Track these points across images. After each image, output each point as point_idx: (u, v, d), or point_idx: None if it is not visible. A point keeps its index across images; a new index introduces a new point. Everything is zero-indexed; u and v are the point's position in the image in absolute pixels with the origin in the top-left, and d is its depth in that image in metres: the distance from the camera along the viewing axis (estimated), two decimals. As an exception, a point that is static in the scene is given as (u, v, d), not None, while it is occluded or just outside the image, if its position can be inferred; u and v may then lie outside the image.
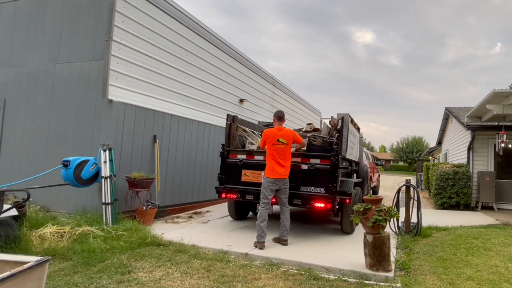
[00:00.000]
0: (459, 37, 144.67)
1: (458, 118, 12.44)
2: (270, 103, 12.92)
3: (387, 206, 4.30)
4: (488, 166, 10.87)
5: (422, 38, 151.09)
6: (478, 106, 9.85)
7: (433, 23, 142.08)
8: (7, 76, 7.24)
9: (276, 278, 3.80)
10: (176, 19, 7.64)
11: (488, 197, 10.34)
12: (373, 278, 3.89)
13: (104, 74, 6.08)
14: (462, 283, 3.91)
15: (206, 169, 8.78)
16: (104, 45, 6.12)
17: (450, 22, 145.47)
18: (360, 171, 8.75)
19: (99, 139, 6.10)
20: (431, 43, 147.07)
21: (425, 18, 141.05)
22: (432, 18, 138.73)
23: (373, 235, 4.13)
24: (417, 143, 62.90)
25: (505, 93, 8.46)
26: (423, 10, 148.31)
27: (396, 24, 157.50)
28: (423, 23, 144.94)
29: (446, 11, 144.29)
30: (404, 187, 6.58)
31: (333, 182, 5.54)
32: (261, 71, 12.09)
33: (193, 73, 8.30)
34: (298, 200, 5.69)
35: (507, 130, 9.76)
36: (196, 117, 8.39)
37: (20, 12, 7.26)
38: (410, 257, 4.82)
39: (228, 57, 9.85)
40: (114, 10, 6.08)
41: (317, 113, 19.06)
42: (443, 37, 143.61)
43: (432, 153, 24.10)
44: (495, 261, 4.78)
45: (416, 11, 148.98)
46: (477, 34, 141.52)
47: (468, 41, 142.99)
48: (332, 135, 6.35)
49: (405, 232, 6.23)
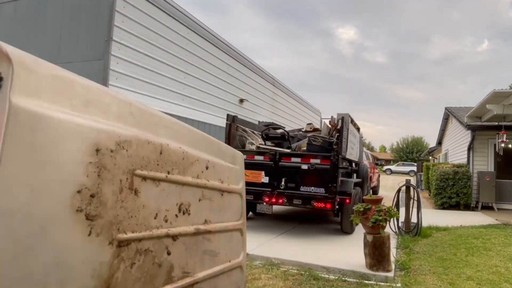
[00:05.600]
0: (444, 33, 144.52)
1: (458, 118, 12.44)
2: (270, 103, 12.92)
3: (387, 206, 4.30)
4: (488, 166, 10.86)
5: (406, 35, 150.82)
6: (478, 106, 9.85)
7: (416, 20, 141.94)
8: (7, 76, 7.23)
9: (276, 278, 3.80)
10: (176, 19, 7.64)
11: (488, 197, 10.33)
12: (373, 278, 3.89)
13: (104, 74, 6.09)
14: (462, 283, 3.91)
15: (206, 169, 8.77)
16: (104, 45, 6.12)
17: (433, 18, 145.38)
18: (360, 171, 8.75)
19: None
20: (416, 40, 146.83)
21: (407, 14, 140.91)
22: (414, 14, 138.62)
23: (373, 235, 4.13)
24: (417, 143, 62.88)
25: (505, 93, 8.46)
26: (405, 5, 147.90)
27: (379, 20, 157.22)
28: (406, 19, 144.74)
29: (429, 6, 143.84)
30: (404, 187, 6.57)
31: (333, 182, 5.54)
32: (261, 71, 12.10)
33: (193, 73, 8.30)
34: (298, 200, 5.69)
35: (507, 130, 9.75)
36: (196, 117, 8.40)
37: (20, 12, 7.27)
38: (410, 257, 4.82)
39: (228, 57, 9.85)
40: (114, 10, 6.08)
41: (317, 113, 19.06)
42: (427, 33, 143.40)
43: (432, 153, 24.11)
44: (495, 261, 4.78)
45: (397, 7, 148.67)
46: (462, 30, 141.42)
47: (453, 38, 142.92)
48: (332, 135, 6.35)
49: (405, 232, 6.22)
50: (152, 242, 1.31)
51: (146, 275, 1.23)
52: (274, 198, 5.73)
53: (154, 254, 1.30)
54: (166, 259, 1.38)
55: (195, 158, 1.72)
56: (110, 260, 1.09)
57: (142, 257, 1.25)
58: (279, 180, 5.84)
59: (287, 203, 5.77)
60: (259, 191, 5.89)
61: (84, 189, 1.04)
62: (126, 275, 1.14)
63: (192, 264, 1.56)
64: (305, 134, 7.10)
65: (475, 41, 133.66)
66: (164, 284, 1.33)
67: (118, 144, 1.20)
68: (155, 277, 1.29)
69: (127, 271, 1.15)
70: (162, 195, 1.43)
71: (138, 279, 1.21)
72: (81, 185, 1.03)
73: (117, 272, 1.11)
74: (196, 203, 1.65)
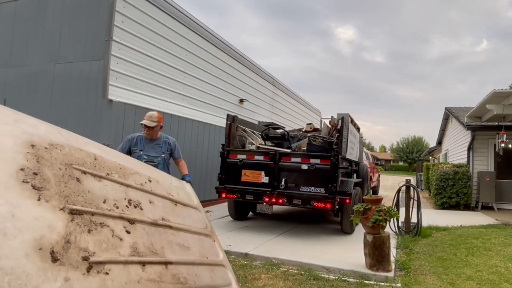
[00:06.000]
0: (443, 33, 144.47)
1: (458, 118, 12.44)
2: (270, 103, 12.92)
3: (387, 206, 4.30)
4: (488, 166, 10.87)
5: (405, 35, 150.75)
6: (478, 106, 9.85)
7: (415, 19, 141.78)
8: (7, 76, 7.24)
9: (276, 278, 3.80)
10: (176, 19, 7.64)
11: (488, 197, 10.34)
12: (373, 278, 3.89)
13: (104, 74, 6.08)
14: (462, 283, 3.91)
15: (206, 169, 8.78)
16: (104, 45, 6.12)
17: (432, 18, 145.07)
18: (360, 171, 8.75)
19: (99, 139, 6.10)
20: (415, 40, 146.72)
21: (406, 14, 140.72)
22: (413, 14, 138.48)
23: (373, 235, 4.13)
24: (417, 143, 62.89)
25: (505, 93, 8.46)
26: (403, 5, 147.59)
27: (378, 20, 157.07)
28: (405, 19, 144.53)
29: (427, 5, 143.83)
30: (404, 187, 6.58)
31: (333, 182, 5.54)
32: (261, 71, 12.10)
33: (193, 73, 8.30)
34: (298, 200, 5.69)
35: (507, 130, 9.75)
36: (196, 117, 8.40)
37: (20, 12, 7.26)
38: (410, 257, 4.82)
39: (228, 57, 9.85)
40: (114, 10, 6.08)
41: (317, 113, 19.06)
42: (426, 33, 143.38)
43: (432, 153, 24.10)
44: (495, 261, 4.78)
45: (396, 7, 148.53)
46: (461, 30, 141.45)
47: (452, 38, 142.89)
48: (332, 135, 6.35)
49: (405, 232, 6.22)
50: (106, 219, 1.45)
51: (107, 242, 1.38)
52: (274, 198, 5.73)
53: (111, 228, 1.44)
54: (127, 235, 1.52)
55: (134, 171, 1.90)
56: (65, 221, 1.27)
57: (99, 228, 1.39)
58: (279, 180, 5.85)
59: (287, 203, 5.77)
60: (259, 191, 5.89)
61: (26, 168, 1.25)
62: (85, 236, 1.30)
63: (159, 247, 1.68)
64: (305, 134, 7.10)
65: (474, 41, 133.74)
66: (130, 255, 1.45)
67: (51, 145, 1.42)
68: (119, 246, 1.43)
69: (85, 233, 1.30)
70: (106, 188, 1.58)
71: (100, 242, 1.35)
72: (23, 165, 1.26)
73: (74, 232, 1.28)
74: (147, 203, 1.78)
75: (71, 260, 1.18)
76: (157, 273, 1.54)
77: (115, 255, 1.39)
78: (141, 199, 1.74)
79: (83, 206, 1.36)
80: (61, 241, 1.20)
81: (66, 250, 1.19)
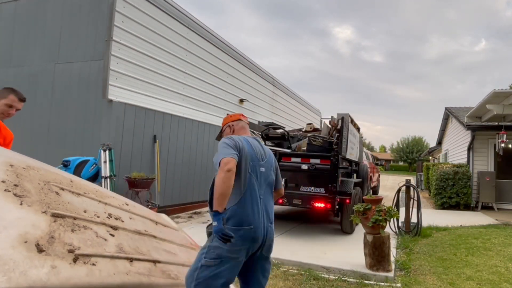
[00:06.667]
0: (442, 33, 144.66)
1: (458, 118, 12.44)
2: (270, 103, 12.92)
3: (387, 206, 4.30)
4: (488, 166, 10.86)
5: (404, 35, 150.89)
6: (478, 106, 9.85)
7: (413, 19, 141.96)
8: (7, 76, 7.24)
9: (276, 278, 3.80)
10: (176, 19, 7.64)
11: (488, 197, 10.33)
12: (373, 278, 3.89)
13: (104, 74, 6.09)
14: (462, 283, 3.91)
15: (206, 169, 8.78)
16: (104, 45, 6.12)
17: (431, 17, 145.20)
18: (360, 171, 8.75)
19: (99, 139, 6.10)
20: (413, 39, 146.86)
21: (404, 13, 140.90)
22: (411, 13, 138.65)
23: (373, 235, 4.13)
24: (417, 143, 62.85)
25: (505, 93, 8.46)
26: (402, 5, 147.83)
27: (376, 20, 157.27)
28: (403, 18, 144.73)
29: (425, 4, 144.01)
30: (404, 187, 6.57)
31: (333, 182, 5.54)
32: (261, 71, 12.10)
33: (193, 73, 8.30)
34: (298, 200, 5.69)
35: (507, 130, 9.75)
36: (196, 117, 8.40)
37: (20, 12, 7.26)
38: (410, 257, 4.82)
39: (228, 57, 9.85)
40: (114, 10, 6.08)
41: (317, 113, 19.06)
42: (425, 33, 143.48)
43: (432, 153, 24.09)
44: (495, 261, 4.78)
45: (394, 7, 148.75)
46: (459, 30, 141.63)
47: (451, 37, 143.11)
48: (332, 135, 6.35)
49: (405, 232, 6.22)
50: (89, 223, 1.54)
51: (92, 240, 1.47)
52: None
53: (95, 231, 1.54)
54: (111, 237, 1.60)
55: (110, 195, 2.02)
56: (48, 221, 1.37)
57: (82, 229, 1.48)
58: (279, 180, 5.83)
59: (287, 203, 5.77)
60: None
61: (7, 181, 1.40)
62: (69, 234, 1.40)
63: (145, 250, 1.76)
64: (305, 134, 7.10)
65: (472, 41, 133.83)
66: (117, 252, 1.53)
67: (29, 166, 1.59)
68: (104, 245, 1.51)
69: (69, 232, 1.41)
70: (85, 202, 1.69)
71: (85, 240, 1.44)
72: (4, 179, 1.39)
73: (57, 230, 1.37)
74: (127, 219, 1.88)
75: (57, 251, 1.27)
76: (146, 268, 1.64)
77: (101, 251, 1.47)
78: (121, 215, 1.84)
79: (64, 212, 1.46)
80: (45, 236, 1.28)
81: (51, 243, 1.28)
